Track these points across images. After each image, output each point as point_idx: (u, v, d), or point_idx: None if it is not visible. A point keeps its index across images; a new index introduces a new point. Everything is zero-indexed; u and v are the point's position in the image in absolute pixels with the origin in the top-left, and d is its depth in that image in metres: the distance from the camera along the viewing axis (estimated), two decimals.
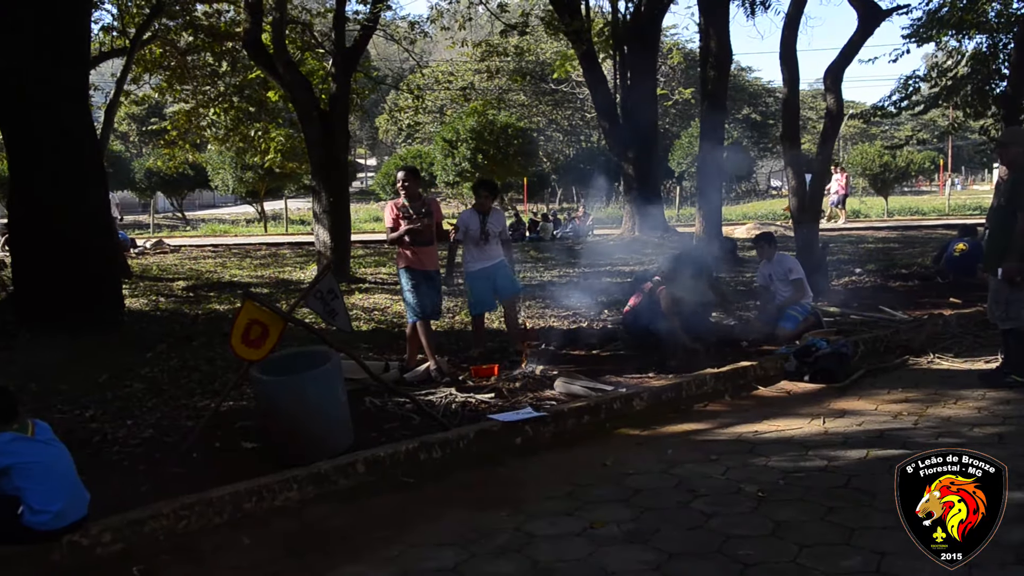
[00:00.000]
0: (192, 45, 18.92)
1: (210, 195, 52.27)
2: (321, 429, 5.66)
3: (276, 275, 16.71)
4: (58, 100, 9.69)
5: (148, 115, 41.39)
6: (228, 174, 34.58)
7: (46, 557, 4.30)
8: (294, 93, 14.71)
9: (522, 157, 34.48)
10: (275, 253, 22.06)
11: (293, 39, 17.46)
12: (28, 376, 8.00)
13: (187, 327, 10.55)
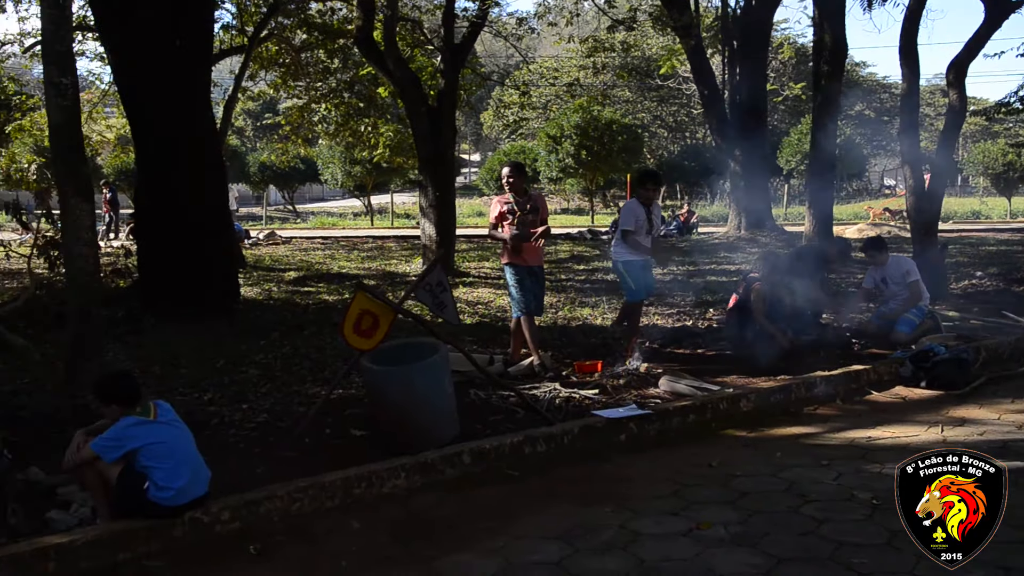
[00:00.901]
0: (306, 43, 19.45)
1: (319, 188, 53.58)
2: (428, 419, 5.75)
3: (382, 268, 17.06)
4: (184, 97, 10.13)
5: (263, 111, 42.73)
6: (337, 168, 35.40)
7: (169, 532, 4.51)
8: (403, 89, 14.96)
9: (626, 154, 34.18)
10: (381, 246, 22.53)
11: (403, 36, 17.76)
12: (152, 360, 8.41)
13: (298, 316, 10.88)
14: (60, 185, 6.86)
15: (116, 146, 27.10)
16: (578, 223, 31.43)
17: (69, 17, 6.84)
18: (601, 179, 36.51)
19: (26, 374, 7.92)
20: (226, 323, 10.07)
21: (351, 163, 33.99)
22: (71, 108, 6.61)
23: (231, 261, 11.63)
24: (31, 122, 20.82)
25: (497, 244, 9.17)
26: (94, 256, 6.97)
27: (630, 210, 8.28)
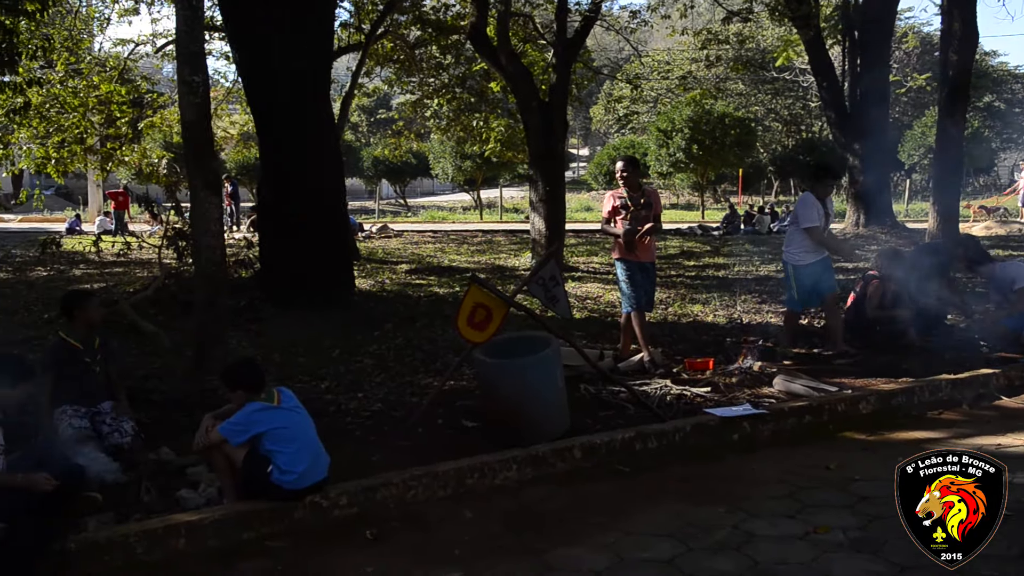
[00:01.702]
0: (420, 39, 19.74)
1: (430, 183, 54.49)
2: (539, 413, 5.78)
3: (492, 261, 17.21)
4: (306, 93, 10.44)
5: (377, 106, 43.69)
6: (448, 163, 35.90)
7: (291, 514, 4.68)
8: (515, 84, 15.02)
9: (738, 148, 33.50)
10: (490, 240, 22.72)
11: (516, 31, 17.84)
12: (272, 348, 8.71)
13: (411, 308, 11.08)
14: (190, 179, 7.16)
15: (239, 142, 28.16)
16: (688, 219, 31.02)
17: (201, 18, 7.13)
18: (712, 174, 35.86)
19: (156, 359, 8.33)
20: (342, 314, 10.34)
21: (462, 158, 34.42)
22: (202, 105, 6.89)
23: (347, 254, 11.93)
24: (161, 119, 21.83)
25: (606, 239, 9.12)
26: (221, 247, 7.25)
27: (809, 204, 7.87)
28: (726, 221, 25.41)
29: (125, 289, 12.73)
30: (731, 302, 11.28)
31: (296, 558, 4.36)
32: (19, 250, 21.06)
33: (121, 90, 18.67)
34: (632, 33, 20.71)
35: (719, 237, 23.41)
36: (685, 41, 25.65)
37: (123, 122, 19.37)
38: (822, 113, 31.29)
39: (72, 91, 17.79)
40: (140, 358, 8.25)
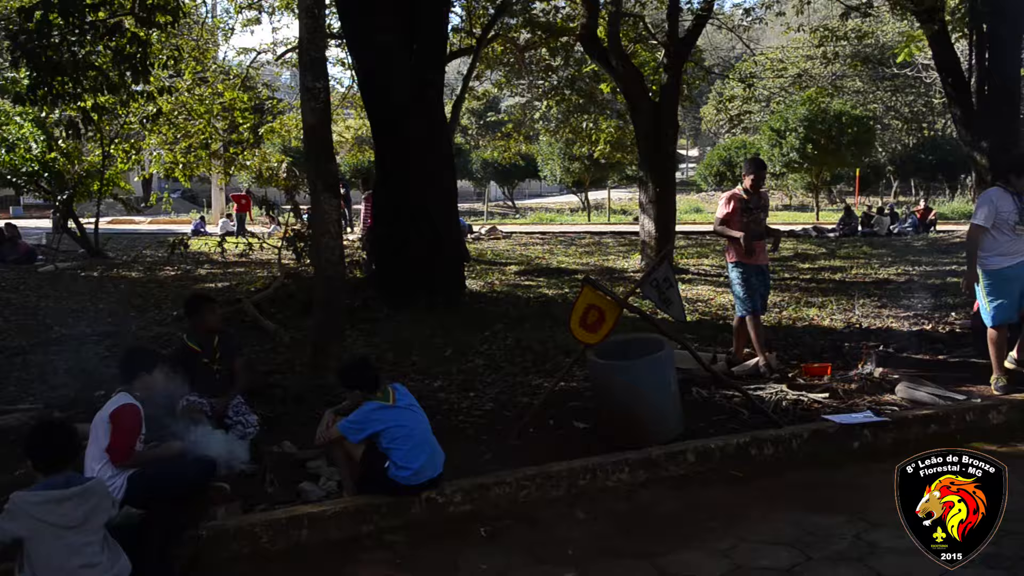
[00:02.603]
0: (530, 42, 19.85)
1: (538, 184, 54.71)
2: (652, 415, 5.74)
3: (600, 263, 17.16)
4: (420, 97, 10.64)
5: (486, 109, 44.12)
6: (556, 164, 35.96)
7: (407, 509, 4.78)
8: (625, 84, 14.96)
9: (856, 147, 32.41)
10: (599, 242, 22.66)
11: (626, 31, 17.74)
12: (386, 347, 8.90)
13: (520, 309, 11.15)
14: (311, 181, 7.39)
15: (353, 146, 28.92)
16: (801, 220, 30.23)
17: (323, 26, 7.37)
18: (828, 174, 34.80)
19: (277, 356, 8.63)
20: (453, 314, 10.50)
21: (570, 159, 34.43)
22: (323, 110, 7.11)
23: (458, 255, 12.10)
24: (280, 124, 22.64)
25: (716, 241, 8.95)
26: (339, 248, 7.47)
27: (989, 200, 6.79)
28: (842, 223, 24.66)
29: (247, 288, 13.21)
30: (849, 306, 10.94)
31: (413, 552, 4.45)
32: (149, 250, 22.16)
33: (243, 97, 19.44)
34: (745, 31, 20.35)
35: (835, 239, 22.73)
36: (800, 38, 25.04)
37: (245, 128, 20.16)
38: (946, 111, 29.97)
39: (198, 99, 18.62)
40: (261, 355, 8.55)
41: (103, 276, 16.66)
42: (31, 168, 19.74)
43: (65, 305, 12.59)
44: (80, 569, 3.55)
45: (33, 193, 22.10)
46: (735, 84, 28.21)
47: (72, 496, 3.63)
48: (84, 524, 3.62)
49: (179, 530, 4.22)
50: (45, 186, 20.51)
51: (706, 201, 43.28)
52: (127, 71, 9.82)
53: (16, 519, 3.56)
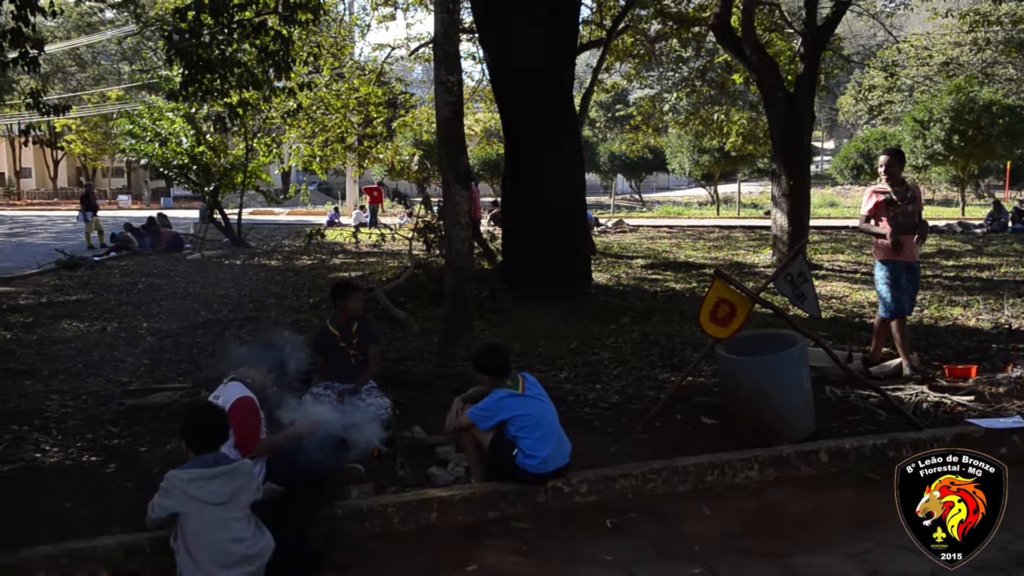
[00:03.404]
0: (660, 32, 19.62)
1: (665, 178, 54.07)
2: (784, 413, 5.60)
3: (730, 257, 16.83)
4: (550, 91, 10.70)
5: (614, 102, 43.86)
6: (685, 157, 35.45)
7: (533, 497, 4.83)
8: (759, 75, 14.59)
9: (1006, 138, 30.52)
10: (727, 236, 22.22)
11: (761, 20, 17.30)
12: (513, 337, 9.00)
13: (647, 302, 11.06)
14: (443, 173, 7.55)
15: (482, 139, 29.29)
16: (945, 215, 28.78)
17: (457, 21, 7.50)
18: (975, 167, 32.96)
19: (407, 344, 8.85)
20: (579, 306, 10.52)
21: (699, 152, 33.87)
22: (456, 104, 7.25)
23: (586, 248, 12.10)
24: (412, 118, 23.18)
25: (853, 236, 8.62)
26: (469, 239, 7.60)
27: None
28: (991, 218, 23.33)
29: (379, 278, 13.61)
30: (997, 306, 10.37)
31: (539, 540, 4.50)
32: (287, 240, 23.10)
33: (378, 92, 19.98)
34: (888, 17, 19.50)
35: (982, 235, 21.54)
36: (948, 24, 23.77)
37: (379, 121, 20.72)
38: None
39: (335, 94, 19.24)
40: (392, 343, 8.79)
41: (245, 264, 17.49)
42: (181, 161, 20.89)
43: (211, 291, 13.29)
44: (228, 543, 3.77)
45: (182, 185, 23.36)
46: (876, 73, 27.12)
47: (220, 475, 3.86)
48: (231, 501, 3.84)
49: (315, 509, 4.39)
50: (193, 178, 21.65)
51: (842, 195, 41.78)
52: (271, 68, 10.25)
53: (170, 496, 3.83)
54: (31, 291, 13.63)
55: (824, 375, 6.87)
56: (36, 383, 7.57)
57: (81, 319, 10.88)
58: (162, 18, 14.48)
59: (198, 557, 3.73)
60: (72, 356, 8.65)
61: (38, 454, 5.73)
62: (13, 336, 9.76)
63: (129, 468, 5.39)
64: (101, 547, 4.12)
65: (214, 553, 3.74)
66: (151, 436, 6.03)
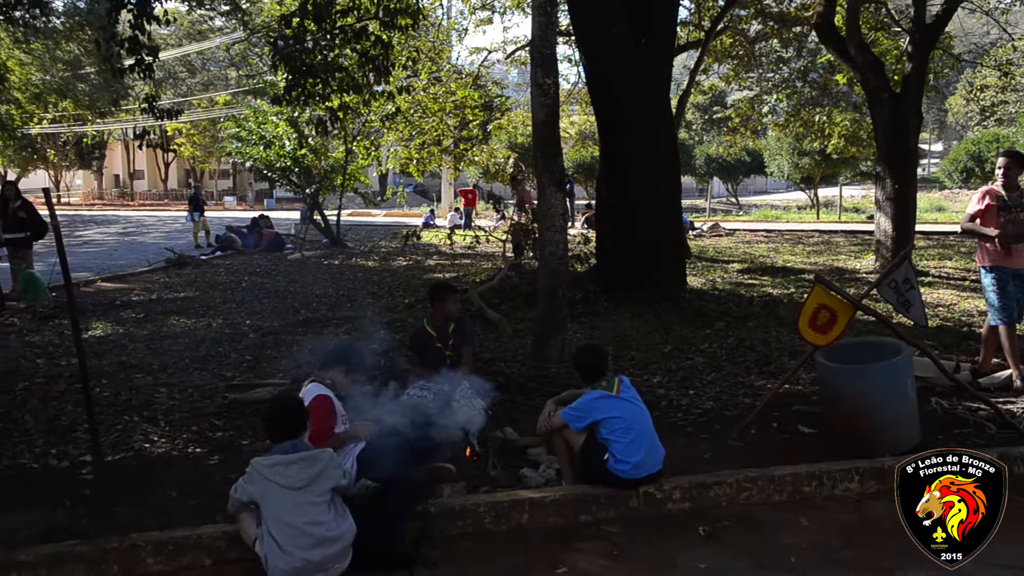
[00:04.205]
0: (760, 33, 19.26)
1: (763, 181, 53.04)
2: (886, 423, 5.42)
3: (830, 263, 16.39)
4: (647, 93, 10.62)
5: (711, 103, 43.26)
6: (784, 160, 34.65)
7: (625, 502, 4.80)
8: (864, 75, 14.17)
9: None
10: (828, 241, 21.63)
11: (866, 19, 16.81)
12: (605, 340, 8.95)
13: (743, 308, 10.86)
14: (538, 175, 7.57)
15: (576, 141, 29.26)
16: None
17: (555, 24, 7.51)
18: None
19: (500, 345, 8.91)
20: (673, 310, 10.40)
21: (799, 154, 33.07)
22: (552, 107, 7.26)
23: (680, 251, 11.96)
24: (508, 121, 23.33)
25: (962, 242, 8.27)
26: (564, 241, 7.59)
27: None
28: None
29: (473, 279, 13.73)
30: None
31: (630, 545, 4.46)
32: (384, 241, 23.53)
33: (474, 95, 20.16)
34: (1003, 15, 18.66)
35: None
36: None
37: (475, 125, 20.91)
38: None
39: (432, 97, 19.50)
40: (485, 344, 8.86)
41: (343, 264, 17.89)
42: (284, 163, 21.52)
43: (310, 290, 13.63)
44: (306, 526, 3.89)
45: (285, 187, 24.05)
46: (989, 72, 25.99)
47: (297, 460, 4.02)
48: (309, 486, 3.97)
49: (409, 506, 4.47)
50: (295, 180, 22.26)
51: (950, 199, 40.19)
52: (371, 72, 10.48)
53: (254, 482, 4.00)
54: (142, 288, 14.24)
55: (930, 386, 6.64)
56: (146, 376, 7.91)
57: (188, 315, 11.31)
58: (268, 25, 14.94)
59: (280, 540, 3.87)
60: (179, 351, 9.00)
61: (147, 444, 5.98)
62: (125, 331, 10.21)
63: (232, 460, 5.58)
64: (205, 535, 4.28)
65: (293, 535, 3.87)
66: (252, 430, 6.23)
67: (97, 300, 12.52)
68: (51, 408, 6.77)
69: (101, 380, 7.59)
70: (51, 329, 10.32)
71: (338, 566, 3.92)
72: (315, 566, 3.85)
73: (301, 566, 3.82)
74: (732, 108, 25.04)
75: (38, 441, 5.98)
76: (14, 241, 12.36)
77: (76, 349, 5.55)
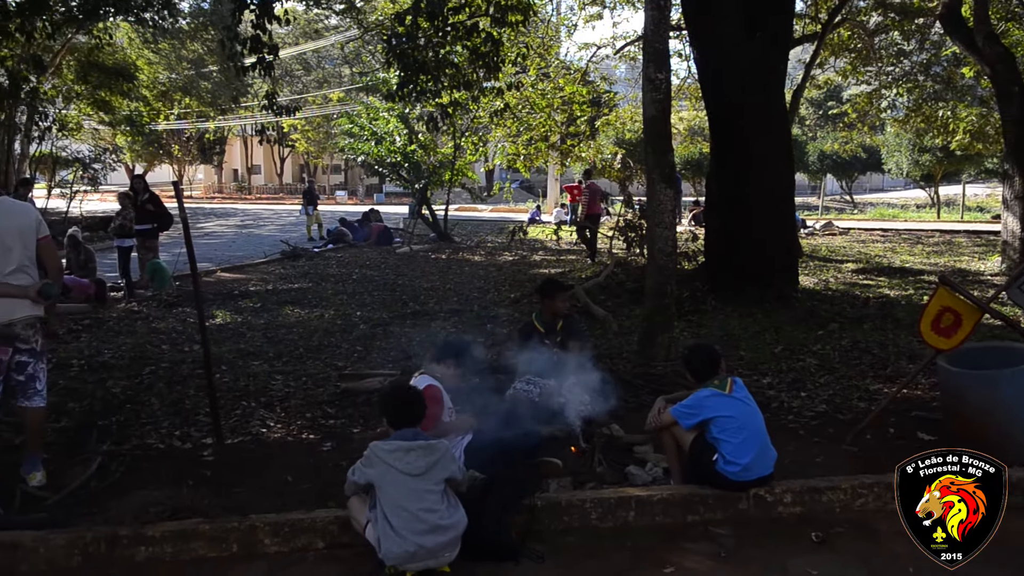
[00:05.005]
0: (880, 25, 18.59)
1: (879, 178, 51.19)
2: (1014, 431, 5.15)
3: (951, 264, 15.73)
4: (761, 88, 10.39)
5: (826, 99, 41.98)
6: (903, 157, 33.34)
7: (735, 504, 4.71)
8: (993, 68, 13.53)
9: None
10: (949, 241, 20.75)
11: (995, 9, 16.02)
12: (715, 340, 8.79)
13: (858, 309, 10.53)
14: (648, 171, 7.50)
15: (685, 137, 28.86)
16: None
17: (668, 18, 7.43)
18: None
19: (606, 342, 8.87)
20: (784, 310, 10.16)
21: (919, 151, 31.77)
22: (663, 102, 7.19)
23: (792, 250, 11.67)
24: (616, 116, 23.20)
25: None
26: (673, 238, 7.51)
27: None
28: None
29: (579, 275, 13.72)
30: None
31: (739, 548, 4.38)
32: (490, 237, 23.73)
33: (582, 91, 20.12)
34: None
35: None
36: None
37: (582, 120, 20.86)
38: None
39: (541, 93, 19.55)
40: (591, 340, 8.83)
41: (450, 259, 18.14)
42: (394, 159, 21.95)
43: (418, 284, 13.88)
44: (420, 512, 3.95)
45: (394, 181, 24.54)
46: None
47: (417, 448, 4.08)
48: (425, 474, 4.03)
49: (516, 498, 4.50)
50: (404, 175, 22.68)
51: None
52: (481, 68, 10.58)
53: (372, 465, 4.08)
54: (259, 279, 14.76)
55: None
56: (263, 364, 8.20)
57: (302, 306, 11.67)
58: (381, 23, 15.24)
59: (395, 523, 3.94)
60: (294, 340, 9.30)
61: (264, 429, 6.21)
62: (243, 320, 10.61)
63: (344, 447, 5.74)
64: (319, 519, 4.41)
65: (408, 519, 3.93)
66: (363, 419, 6.39)
67: (217, 290, 13.05)
68: (175, 392, 7.09)
69: (221, 366, 7.90)
70: (175, 316, 10.80)
71: (448, 554, 3.99)
72: (427, 552, 3.92)
73: (414, 551, 3.89)
74: (849, 103, 24.26)
75: (163, 423, 6.27)
76: (142, 232, 12.98)
77: (201, 337, 5.79)
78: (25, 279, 4.85)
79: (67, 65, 22.16)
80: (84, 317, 10.59)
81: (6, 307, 4.78)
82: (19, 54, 15.88)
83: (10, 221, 4.82)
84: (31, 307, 4.88)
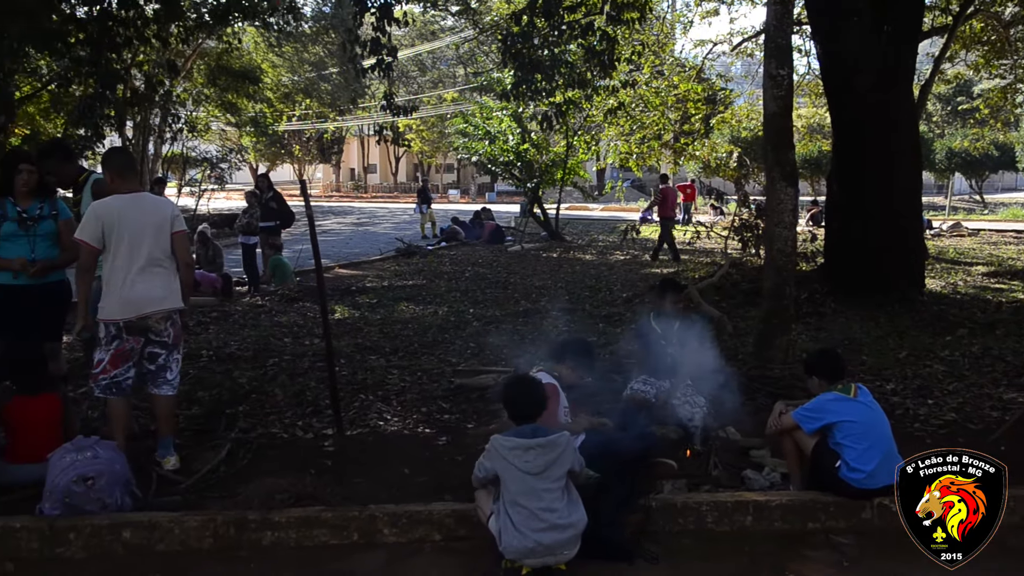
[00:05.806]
0: (1017, 16, 17.64)
1: (1012, 177, 48.61)
2: None
3: None
4: (888, 83, 10.03)
5: (955, 94, 40.15)
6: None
7: (857, 512, 4.56)
8: None
9: None
10: None
11: None
12: (835, 343, 8.54)
13: (990, 314, 10.05)
14: (768, 170, 7.34)
15: (804, 135, 28.06)
16: None
17: (791, 12, 7.25)
18: None
19: (721, 343, 8.70)
20: (908, 314, 9.79)
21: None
22: (785, 98, 7.02)
23: (918, 252, 11.21)
24: (731, 114, 22.75)
25: None
26: (793, 239, 7.33)
27: None
28: None
29: (692, 275, 13.53)
30: None
31: (862, 558, 4.24)
32: (601, 236, 23.66)
33: (697, 88, 19.81)
34: None
35: None
36: None
37: (697, 118, 20.54)
38: None
39: (655, 91, 19.35)
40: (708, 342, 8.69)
41: (561, 257, 18.17)
42: (507, 158, 22.12)
43: (529, 282, 13.96)
44: (540, 511, 3.96)
45: (506, 180, 24.73)
46: None
47: (536, 446, 4.07)
48: (544, 472, 4.03)
49: (630, 497, 4.48)
50: (516, 174, 22.82)
51: None
52: (596, 67, 10.56)
53: (493, 459, 4.11)
54: (375, 275, 15.13)
55: None
56: (379, 358, 8.40)
57: (416, 302, 11.90)
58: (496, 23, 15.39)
59: (515, 519, 3.96)
60: (409, 336, 9.49)
61: (381, 422, 6.36)
62: (361, 315, 10.89)
63: (458, 442, 5.83)
64: (436, 512, 4.49)
65: (527, 516, 3.94)
66: (477, 414, 6.47)
67: (335, 285, 13.43)
68: (297, 383, 7.34)
69: (340, 360, 8.12)
70: (296, 311, 11.18)
71: (567, 552, 3.99)
72: (546, 549, 3.93)
73: (533, 547, 3.91)
74: (980, 98, 23.13)
75: (287, 413, 6.50)
76: (266, 229, 13.48)
77: (323, 331, 5.98)
78: (159, 273, 5.07)
79: (197, 69, 23.21)
80: (212, 310, 11.08)
81: (140, 302, 5.01)
82: (155, 59, 16.70)
83: (145, 217, 5.06)
84: (167, 301, 5.11)
